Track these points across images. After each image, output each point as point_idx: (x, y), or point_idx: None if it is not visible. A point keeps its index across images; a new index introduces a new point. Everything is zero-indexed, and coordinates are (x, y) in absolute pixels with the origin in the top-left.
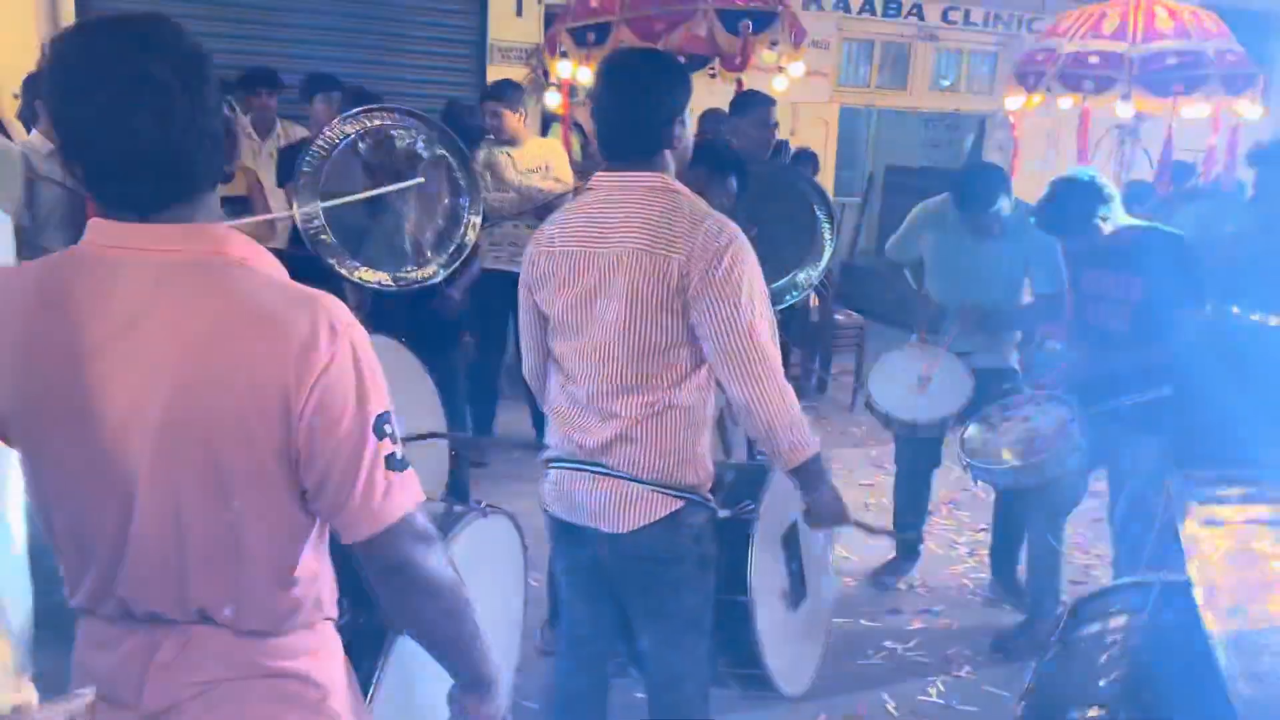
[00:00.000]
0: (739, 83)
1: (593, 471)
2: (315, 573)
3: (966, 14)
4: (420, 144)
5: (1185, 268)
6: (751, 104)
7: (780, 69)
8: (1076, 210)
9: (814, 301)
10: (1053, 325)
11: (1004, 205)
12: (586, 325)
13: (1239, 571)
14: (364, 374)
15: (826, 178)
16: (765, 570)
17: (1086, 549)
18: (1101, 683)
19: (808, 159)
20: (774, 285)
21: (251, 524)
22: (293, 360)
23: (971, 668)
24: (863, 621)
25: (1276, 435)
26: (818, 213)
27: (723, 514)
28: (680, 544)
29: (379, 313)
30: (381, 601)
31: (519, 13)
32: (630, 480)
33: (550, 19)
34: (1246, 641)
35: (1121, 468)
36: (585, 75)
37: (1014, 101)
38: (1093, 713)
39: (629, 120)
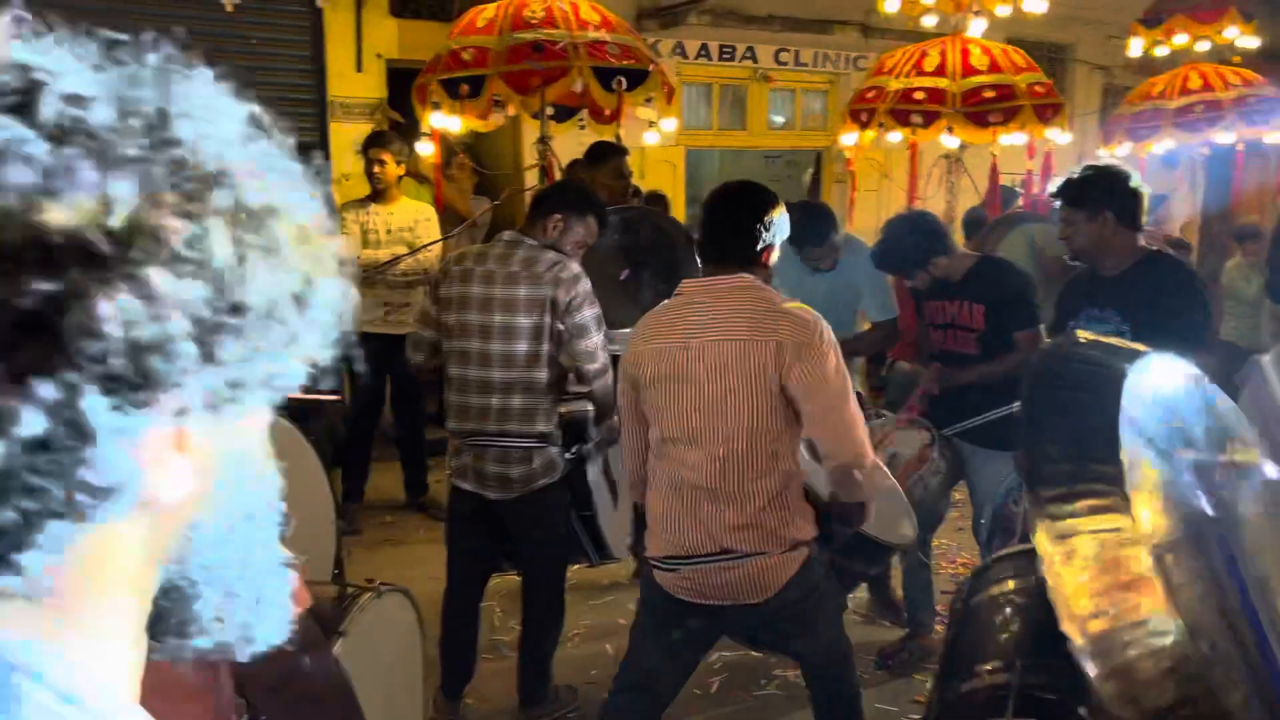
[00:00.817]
0: (618, 138)
1: (725, 561)
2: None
3: (796, 55)
4: None
5: (1019, 292)
6: (606, 155)
7: (651, 124)
8: (912, 250)
9: None
10: (902, 348)
11: (834, 240)
12: (695, 417)
13: (1097, 578)
14: None
15: (676, 216)
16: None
17: (952, 558)
18: (1001, 637)
19: (657, 201)
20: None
21: None
22: None
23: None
24: (750, 652)
25: (1114, 448)
26: (683, 253)
27: None
28: (812, 579)
29: None
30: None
31: (359, 68)
32: (764, 555)
33: (393, 74)
34: (1108, 640)
35: (980, 483)
36: (456, 125)
37: (849, 137)
38: (991, 666)
39: (739, 236)
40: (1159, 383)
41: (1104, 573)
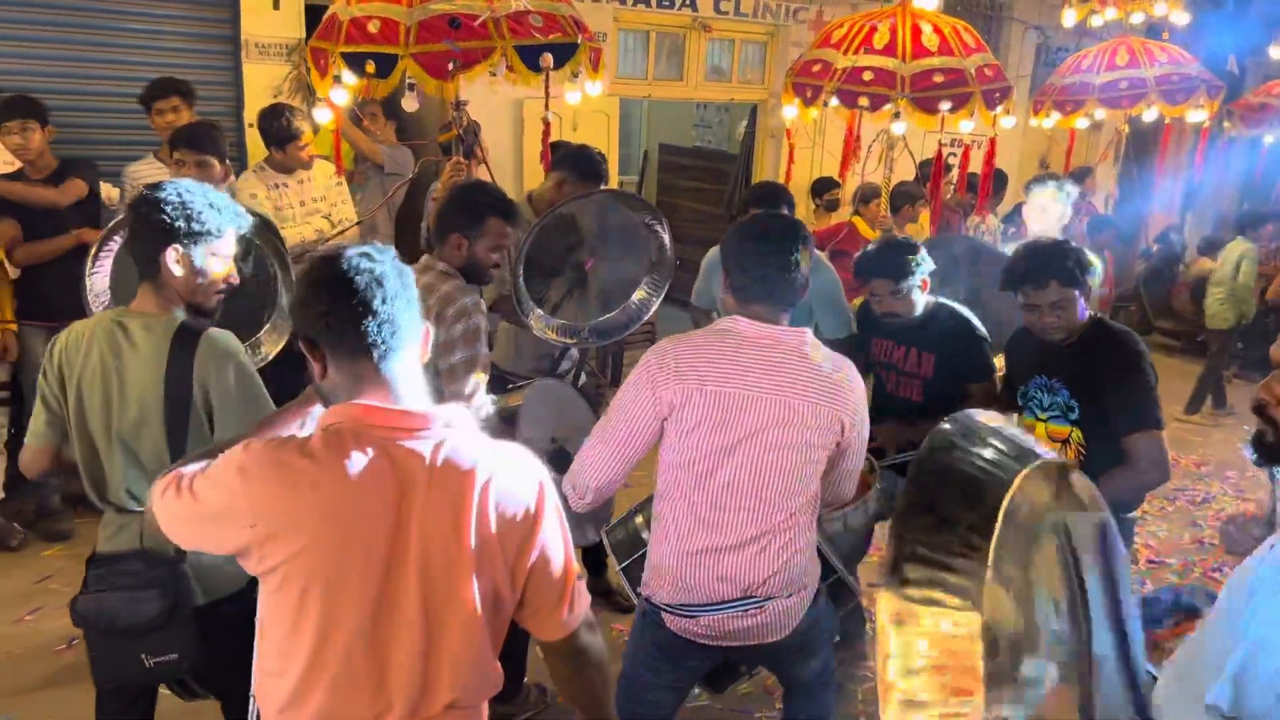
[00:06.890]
0: (546, 99)
1: (748, 606)
2: None
3: (737, 4)
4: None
5: (972, 345)
6: (597, 173)
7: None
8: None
9: None
10: None
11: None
12: (736, 466)
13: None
14: None
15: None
16: None
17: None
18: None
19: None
20: (634, 299)
21: None
22: None
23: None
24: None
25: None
26: (650, 223)
27: None
28: (818, 610)
29: None
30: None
31: (275, 6)
32: (787, 598)
33: (311, 12)
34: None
35: None
36: (344, 98)
37: (790, 110)
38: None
39: (794, 276)
40: None
41: (938, 668)
